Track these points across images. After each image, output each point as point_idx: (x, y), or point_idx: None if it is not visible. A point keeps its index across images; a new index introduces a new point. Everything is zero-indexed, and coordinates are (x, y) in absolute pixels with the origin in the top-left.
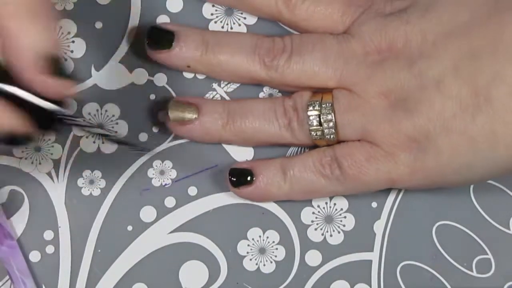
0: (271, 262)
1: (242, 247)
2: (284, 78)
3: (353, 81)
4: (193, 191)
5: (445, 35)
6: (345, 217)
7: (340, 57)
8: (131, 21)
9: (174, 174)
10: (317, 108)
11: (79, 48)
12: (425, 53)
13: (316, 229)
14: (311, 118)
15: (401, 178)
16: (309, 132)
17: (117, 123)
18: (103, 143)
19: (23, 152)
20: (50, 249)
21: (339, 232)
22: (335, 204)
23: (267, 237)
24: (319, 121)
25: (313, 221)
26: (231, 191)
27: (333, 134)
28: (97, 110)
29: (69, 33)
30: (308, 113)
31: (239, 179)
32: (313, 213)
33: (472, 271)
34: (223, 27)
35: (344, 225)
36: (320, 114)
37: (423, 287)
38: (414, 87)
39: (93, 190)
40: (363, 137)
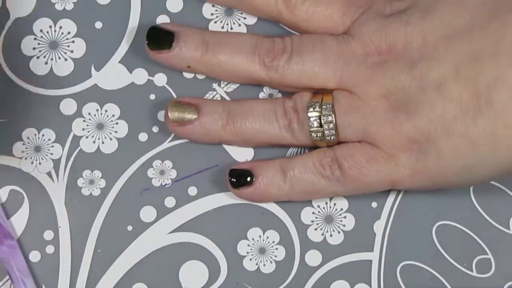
0: (271, 262)
1: (242, 247)
2: (284, 78)
3: (353, 82)
4: (193, 191)
5: (445, 37)
6: (345, 217)
7: (340, 58)
8: (131, 21)
9: (174, 174)
10: (318, 109)
11: (79, 48)
12: (426, 55)
13: (316, 229)
14: (312, 119)
15: (402, 179)
16: (310, 133)
17: (117, 123)
18: (103, 143)
19: (23, 152)
20: (50, 249)
21: (339, 232)
22: (335, 204)
23: (267, 237)
24: (320, 122)
25: (313, 221)
26: (231, 191)
27: (334, 135)
28: (97, 110)
29: (69, 33)
30: (308, 114)
31: (239, 180)
32: (313, 213)
33: (472, 271)
34: (223, 27)
35: (344, 225)
36: (320, 115)
37: (423, 287)
38: (414, 89)
39: (93, 190)
40: (363, 138)
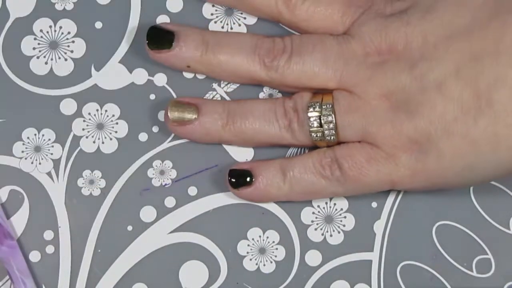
0: (271, 262)
1: (242, 247)
2: (284, 78)
3: (353, 82)
4: (193, 191)
5: (446, 37)
6: (345, 217)
7: (340, 58)
8: (131, 21)
9: (174, 174)
10: (318, 109)
11: (79, 48)
12: (426, 55)
13: (316, 229)
14: (312, 119)
15: (402, 180)
16: (310, 133)
17: (117, 123)
18: (103, 143)
19: (23, 152)
20: (50, 249)
21: (339, 232)
22: (335, 204)
23: (267, 237)
24: (320, 122)
25: (313, 221)
26: (231, 192)
27: (334, 135)
28: (97, 110)
29: (69, 33)
30: (308, 114)
31: (239, 180)
32: (313, 213)
33: (472, 271)
34: (223, 27)
35: (344, 225)
36: (320, 115)
37: (423, 287)
38: (415, 89)
39: (93, 190)
40: (363, 138)
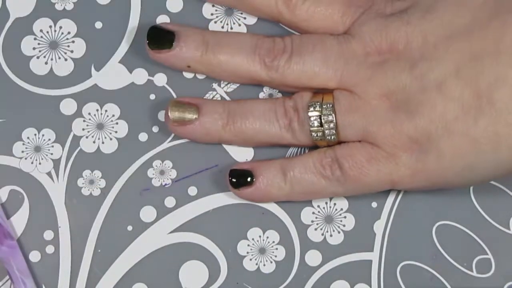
0: (271, 262)
1: (242, 247)
2: (284, 78)
3: (354, 81)
4: (193, 191)
5: (446, 37)
6: (345, 217)
7: (340, 58)
8: (131, 21)
9: (174, 174)
10: (318, 109)
11: (79, 48)
12: (426, 55)
13: (316, 229)
14: (312, 119)
15: (402, 179)
16: (310, 132)
17: (117, 123)
18: (103, 143)
19: (23, 152)
20: (50, 249)
21: (339, 232)
22: (335, 204)
23: (267, 237)
24: (320, 121)
25: (313, 221)
26: (231, 192)
27: (334, 135)
28: (97, 110)
29: (69, 33)
30: (309, 113)
31: (239, 180)
32: (313, 213)
33: (472, 271)
34: (223, 27)
35: (344, 225)
36: (321, 115)
37: (423, 287)
38: (415, 89)
39: (93, 190)
40: (364, 138)
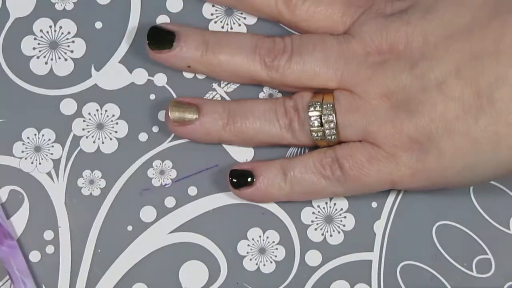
0: (271, 262)
1: (242, 247)
2: (284, 78)
3: (354, 81)
4: (193, 191)
5: (446, 37)
6: (345, 217)
7: (340, 58)
8: (131, 21)
9: (174, 174)
10: (318, 108)
11: (79, 48)
12: (427, 55)
13: (316, 229)
14: (312, 118)
15: (402, 179)
16: (310, 132)
17: (117, 123)
18: (103, 143)
19: (23, 152)
20: (50, 249)
21: (339, 232)
22: (335, 204)
23: (267, 237)
24: (320, 121)
25: (313, 221)
26: (232, 192)
27: (334, 135)
28: (97, 110)
29: (69, 33)
30: (309, 113)
31: (240, 180)
32: (313, 213)
33: (472, 271)
34: (223, 27)
35: (344, 225)
36: (321, 114)
37: (423, 287)
38: (415, 89)
39: (93, 190)
40: (364, 138)
